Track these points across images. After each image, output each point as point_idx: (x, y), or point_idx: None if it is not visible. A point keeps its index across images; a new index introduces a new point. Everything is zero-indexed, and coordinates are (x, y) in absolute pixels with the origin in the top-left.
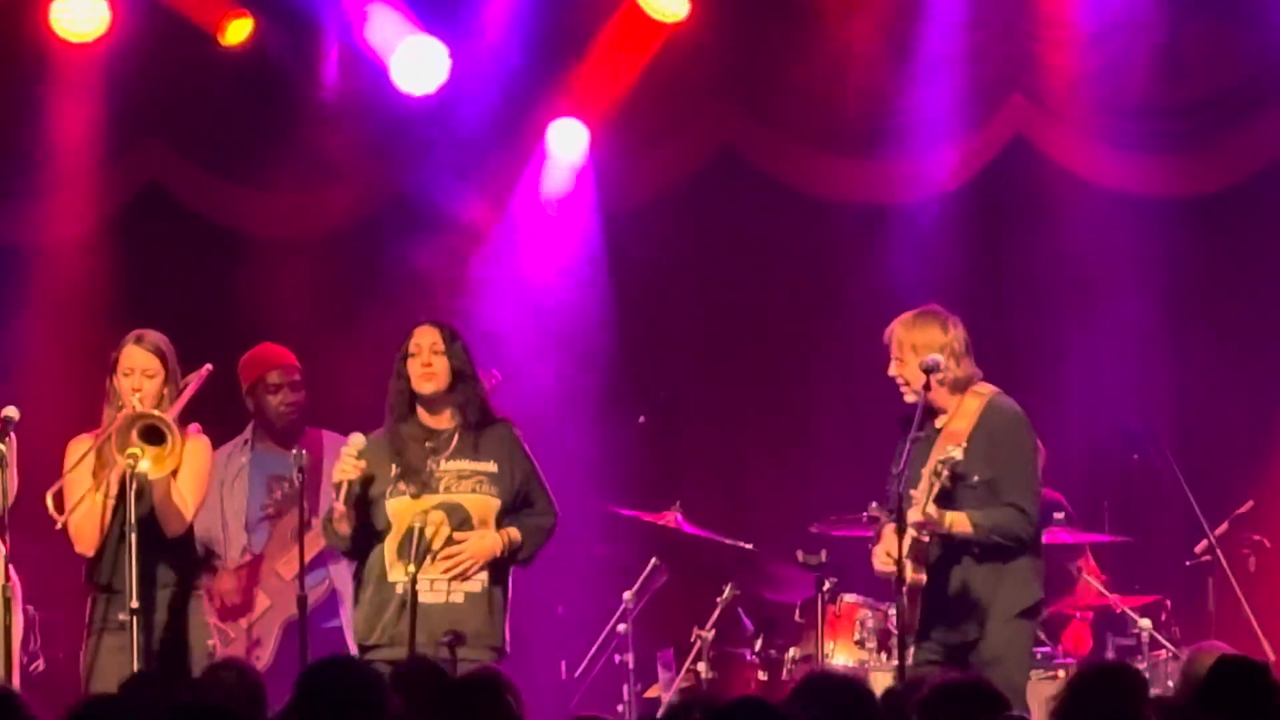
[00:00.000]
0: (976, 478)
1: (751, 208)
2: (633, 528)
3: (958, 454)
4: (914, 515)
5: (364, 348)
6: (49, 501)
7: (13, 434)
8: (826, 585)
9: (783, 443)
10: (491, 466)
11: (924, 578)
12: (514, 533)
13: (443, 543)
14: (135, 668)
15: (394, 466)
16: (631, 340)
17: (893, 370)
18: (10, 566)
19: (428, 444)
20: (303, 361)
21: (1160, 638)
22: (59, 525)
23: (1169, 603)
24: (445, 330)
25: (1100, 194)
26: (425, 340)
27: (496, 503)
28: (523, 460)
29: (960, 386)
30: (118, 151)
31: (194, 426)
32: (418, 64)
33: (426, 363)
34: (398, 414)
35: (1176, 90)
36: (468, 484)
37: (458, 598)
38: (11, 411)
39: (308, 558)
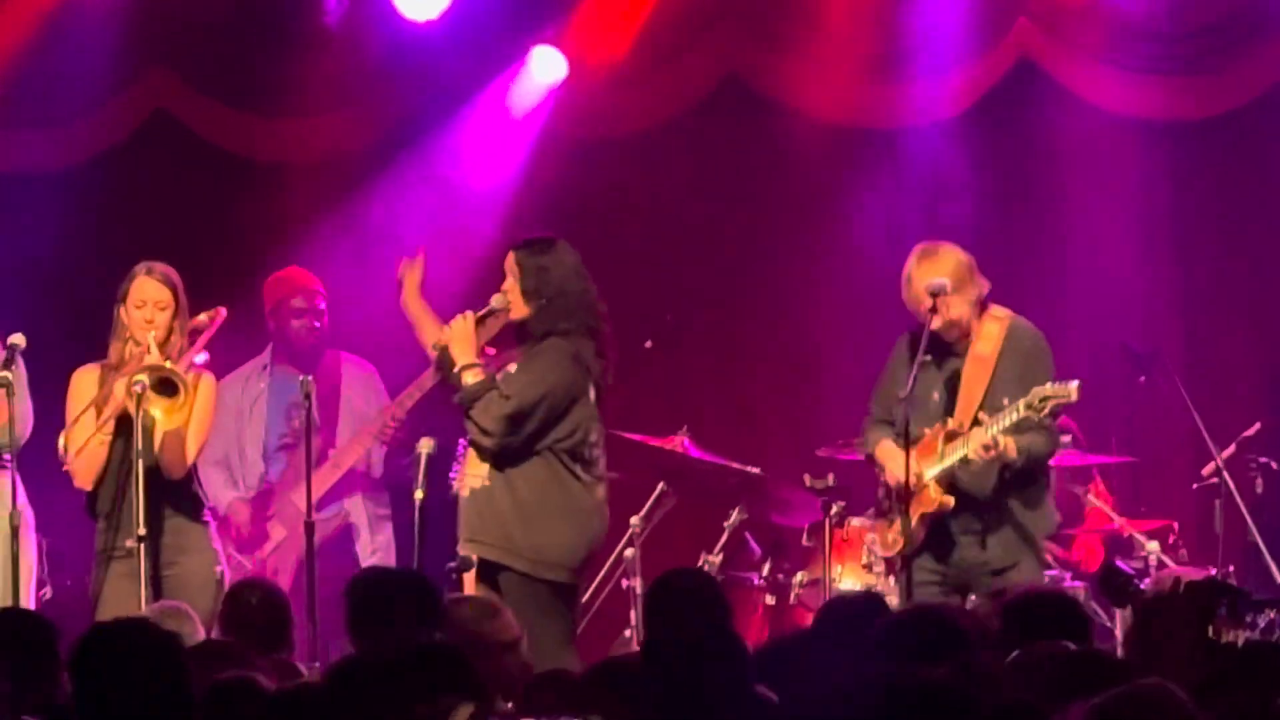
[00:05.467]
0: (1007, 400)
1: (757, 133)
2: (639, 453)
3: (1073, 394)
4: (981, 440)
5: (370, 271)
6: (61, 444)
7: (20, 361)
8: (834, 509)
9: (790, 367)
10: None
11: (952, 501)
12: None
13: None
14: (142, 594)
15: None
16: (637, 266)
17: (936, 324)
18: (20, 493)
19: None
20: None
21: (1168, 560)
22: (66, 467)
23: (1176, 525)
24: None
25: (1106, 117)
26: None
27: None
28: None
29: (980, 311)
30: (125, 80)
31: (201, 355)
32: None
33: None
34: None
35: (1183, 13)
36: None
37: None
38: (18, 339)
39: (325, 489)
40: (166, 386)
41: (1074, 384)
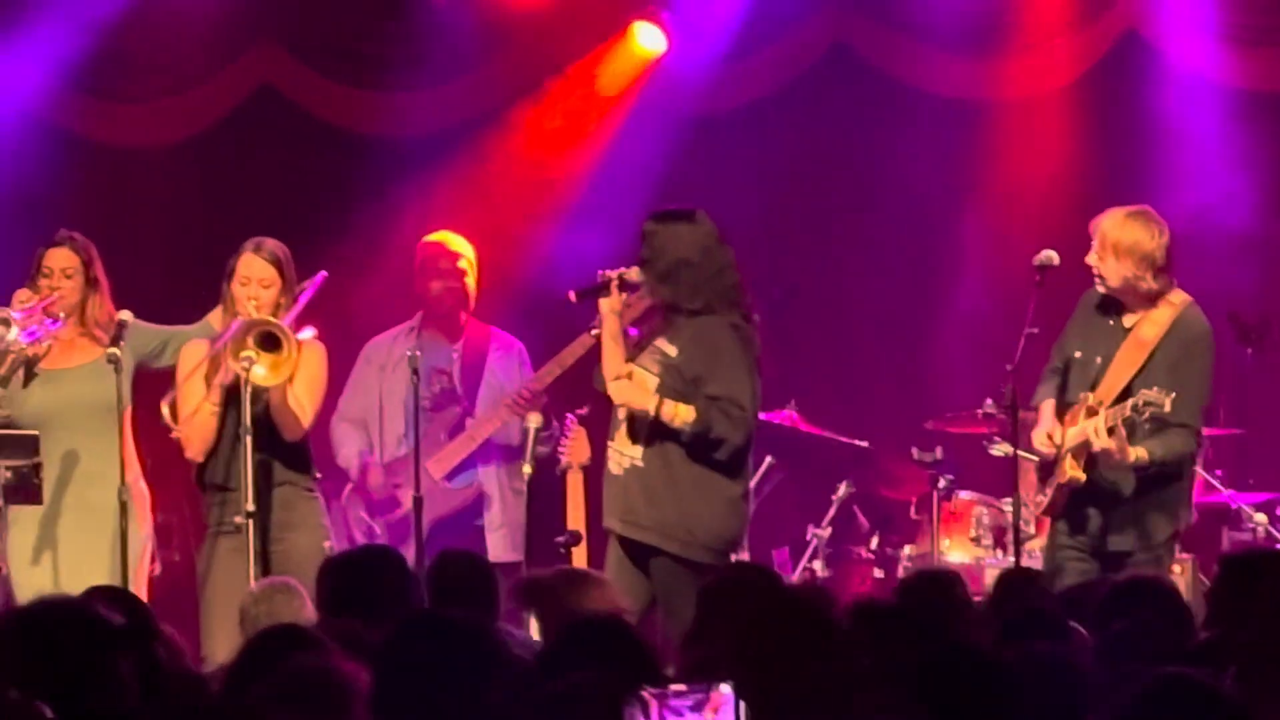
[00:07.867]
0: (1156, 388)
1: (864, 105)
2: None
3: (1166, 404)
4: (1097, 441)
5: (477, 243)
6: (164, 410)
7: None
8: (942, 482)
9: (898, 339)
10: None
11: (1084, 477)
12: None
13: None
14: (251, 571)
15: None
16: (744, 239)
17: (1091, 259)
18: (128, 469)
19: None
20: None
21: (1275, 533)
22: (174, 434)
23: None
24: None
25: (1213, 88)
26: None
27: None
28: None
29: (1154, 297)
30: (231, 54)
31: (309, 331)
32: None
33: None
34: None
35: None
36: None
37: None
38: (126, 315)
39: (458, 459)
40: (270, 341)
41: (1171, 396)
